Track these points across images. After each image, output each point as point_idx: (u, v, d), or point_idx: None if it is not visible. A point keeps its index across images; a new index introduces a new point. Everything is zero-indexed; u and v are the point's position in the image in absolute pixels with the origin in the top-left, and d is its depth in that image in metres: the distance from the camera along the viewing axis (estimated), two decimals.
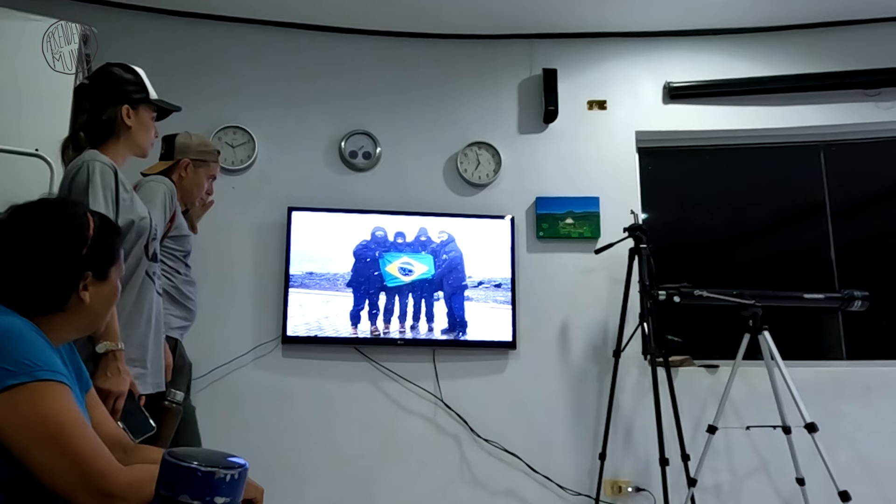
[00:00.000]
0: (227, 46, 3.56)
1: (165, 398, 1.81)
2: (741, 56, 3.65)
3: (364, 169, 3.53)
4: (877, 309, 3.24)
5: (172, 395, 1.83)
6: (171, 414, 1.82)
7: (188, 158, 2.37)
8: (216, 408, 3.09)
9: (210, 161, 2.45)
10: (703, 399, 3.27)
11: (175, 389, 1.88)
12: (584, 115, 3.65)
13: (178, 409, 1.85)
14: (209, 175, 2.46)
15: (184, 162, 2.36)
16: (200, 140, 2.44)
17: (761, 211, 3.79)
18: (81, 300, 1.19)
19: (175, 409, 1.82)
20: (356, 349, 3.30)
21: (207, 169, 2.44)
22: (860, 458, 3.15)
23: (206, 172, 2.43)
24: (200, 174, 2.41)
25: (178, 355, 2.26)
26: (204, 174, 2.42)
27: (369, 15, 3.56)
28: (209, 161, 2.44)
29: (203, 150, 2.43)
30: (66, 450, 1.02)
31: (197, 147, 2.41)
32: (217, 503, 0.96)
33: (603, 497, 3.16)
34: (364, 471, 3.21)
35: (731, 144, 3.73)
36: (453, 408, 3.28)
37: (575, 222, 3.49)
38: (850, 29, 3.61)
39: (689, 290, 3.00)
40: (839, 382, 3.27)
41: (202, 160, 2.41)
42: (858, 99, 3.56)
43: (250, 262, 3.36)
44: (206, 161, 2.43)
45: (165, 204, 2.11)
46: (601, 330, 3.40)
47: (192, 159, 2.38)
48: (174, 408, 1.81)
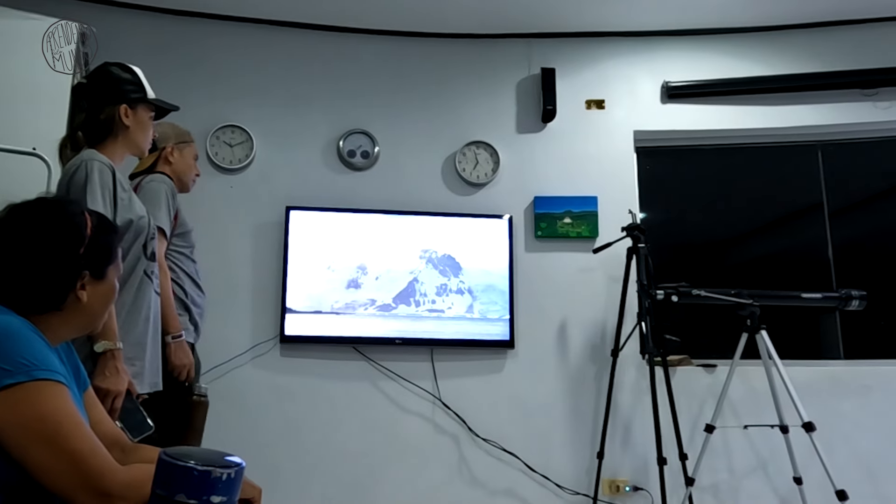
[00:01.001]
0: (225, 45, 3.56)
1: (194, 393, 1.82)
2: (739, 56, 3.66)
3: (362, 168, 3.52)
4: (874, 308, 3.24)
5: (199, 389, 1.86)
6: (202, 407, 1.85)
7: (171, 144, 2.43)
8: (214, 407, 3.04)
9: (189, 141, 2.53)
10: (700, 398, 3.27)
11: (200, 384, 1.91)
12: (583, 114, 3.65)
13: (207, 402, 1.89)
14: (194, 154, 2.54)
15: (168, 148, 2.43)
16: (173, 126, 2.52)
17: (759, 210, 3.80)
18: (79, 299, 1.19)
19: (204, 402, 1.86)
20: (355, 348, 3.30)
21: (191, 149, 2.52)
22: (857, 458, 3.16)
23: (190, 152, 2.51)
24: (187, 154, 2.49)
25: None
26: (189, 154, 2.51)
27: (368, 14, 3.56)
28: (189, 141, 2.53)
29: (180, 133, 2.51)
30: (63, 449, 1.02)
31: (174, 133, 2.49)
32: (213, 502, 0.95)
33: (601, 496, 3.17)
34: (362, 470, 3.21)
35: (729, 144, 3.73)
36: (452, 407, 3.28)
37: (573, 222, 3.49)
38: (847, 29, 3.62)
39: (687, 290, 3.00)
40: (837, 382, 3.28)
41: (183, 141, 2.49)
42: (856, 99, 3.56)
43: (248, 261, 3.36)
44: (187, 142, 2.51)
45: (168, 203, 2.14)
46: (599, 329, 3.40)
47: (175, 143, 2.45)
48: (203, 401, 1.84)
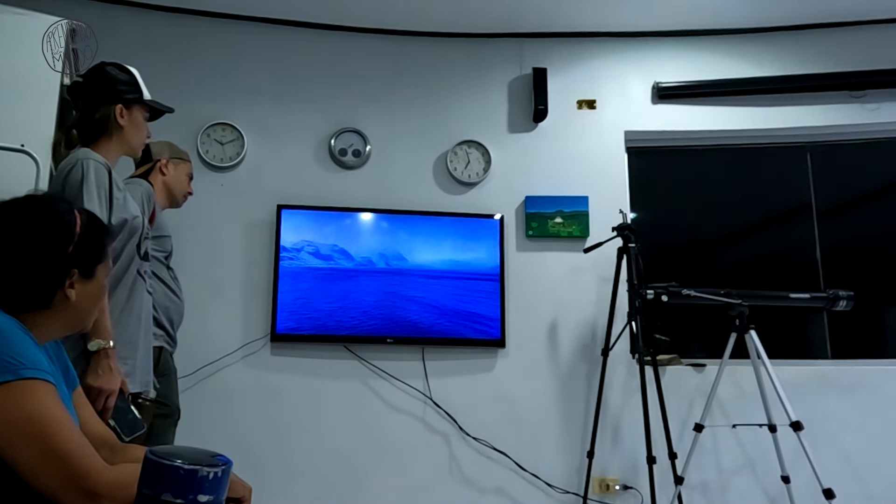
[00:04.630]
0: (217, 43, 3.54)
1: (140, 396, 1.83)
2: (729, 57, 3.68)
3: (354, 167, 3.52)
4: (861, 308, 3.27)
5: (147, 394, 1.87)
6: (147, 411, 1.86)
7: (166, 158, 2.44)
8: (204, 406, 3.08)
9: (185, 159, 2.53)
10: (690, 398, 3.29)
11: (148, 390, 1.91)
12: (574, 114, 3.66)
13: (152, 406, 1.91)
14: (188, 173, 2.53)
15: (163, 161, 2.44)
16: (170, 144, 2.53)
17: (748, 211, 3.82)
18: (67, 298, 1.18)
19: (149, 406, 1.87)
20: (345, 347, 3.29)
21: (186, 166, 2.52)
22: (844, 456, 3.19)
23: (184, 170, 2.51)
24: (181, 170, 2.49)
25: (164, 361, 2.26)
26: (184, 171, 2.50)
27: (360, 12, 3.55)
28: (185, 159, 2.53)
29: (177, 150, 2.52)
30: (50, 449, 1.01)
31: (171, 149, 2.50)
32: (200, 501, 0.95)
33: (591, 495, 3.18)
34: (353, 469, 3.21)
35: (718, 145, 3.75)
36: (442, 406, 3.29)
37: (564, 221, 3.50)
38: (836, 31, 3.65)
39: (676, 290, 3.01)
40: (824, 381, 3.30)
41: (179, 157, 2.50)
42: (844, 100, 3.59)
43: (239, 259, 3.35)
44: (183, 159, 2.52)
45: (143, 204, 2.13)
46: (590, 328, 3.41)
47: (170, 157, 2.46)
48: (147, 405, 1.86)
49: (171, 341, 2.32)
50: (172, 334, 2.32)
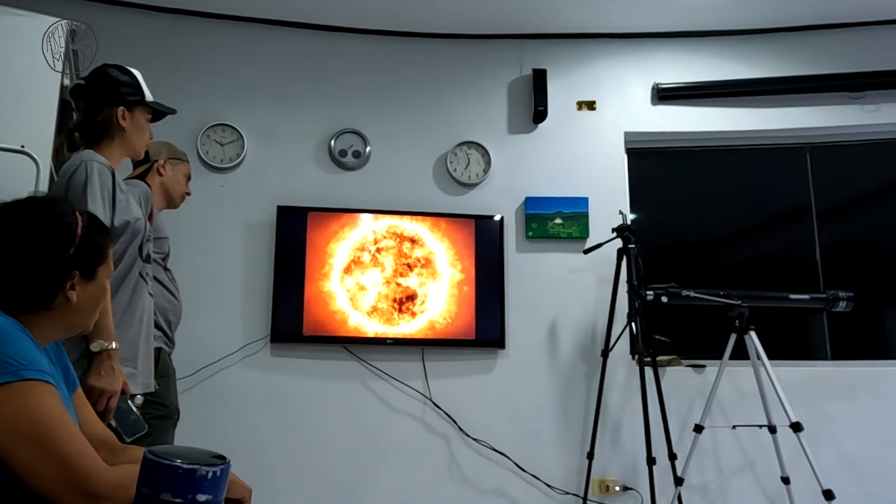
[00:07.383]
0: (217, 44, 3.54)
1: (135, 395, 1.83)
2: (729, 58, 3.68)
3: (354, 168, 3.52)
4: (861, 309, 3.27)
5: (136, 399, 1.87)
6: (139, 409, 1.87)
7: (163, 158, 2.44)
8: (204, 407, 3.07)
9: (183, 160, 2.53)
10: (689, 398, 3.29)
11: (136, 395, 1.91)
12: (574, 115, 3.66)
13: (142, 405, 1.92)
14: (185, 173, 2.53)
15: (160, 161, 2.43)
16: (167, 144, 2.53)
17: (748, 212, 3.82)
18: (68, 299, 1.18)
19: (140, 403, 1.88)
20: (345, 348, 3.29)
21: (184, 167, 2.51)
22: (844, 457, 3.19)
23: (182, 170, 2.50)
24: (178, 171, 2.48)
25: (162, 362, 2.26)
26: (181, 171, 2.50)
27: (360, 14, 3.56)
28: (183, 160, 2.52)
29: (174, 151, 2.52)
30: (50, 450, 1.01)
31: (168, 150, 2.50)
32: (199, 500, 0.95)
33: (591, 496, 3.18)
34: (353, 470, 3.21)
35: (718, 146, 3.75)
36: (442, 407, 3.29)
37: (564, 222, 3.50)
38: (835, 32, 3.65)
39: (676, 291, 3.02)
40: (824, 382, 3.31)
41: (176, 158, 2.49)
42: (844, 101, 3.60)
43: (239, 260, 3.35)
44: (181, 160, 2.51)
45: (141, 206, 2.13)
46: (589, 329, 3.41)
47: (168, 158, 2.45)
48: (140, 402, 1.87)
49: (170, 342, 2.33)
50: (170, 335, 2.32)
